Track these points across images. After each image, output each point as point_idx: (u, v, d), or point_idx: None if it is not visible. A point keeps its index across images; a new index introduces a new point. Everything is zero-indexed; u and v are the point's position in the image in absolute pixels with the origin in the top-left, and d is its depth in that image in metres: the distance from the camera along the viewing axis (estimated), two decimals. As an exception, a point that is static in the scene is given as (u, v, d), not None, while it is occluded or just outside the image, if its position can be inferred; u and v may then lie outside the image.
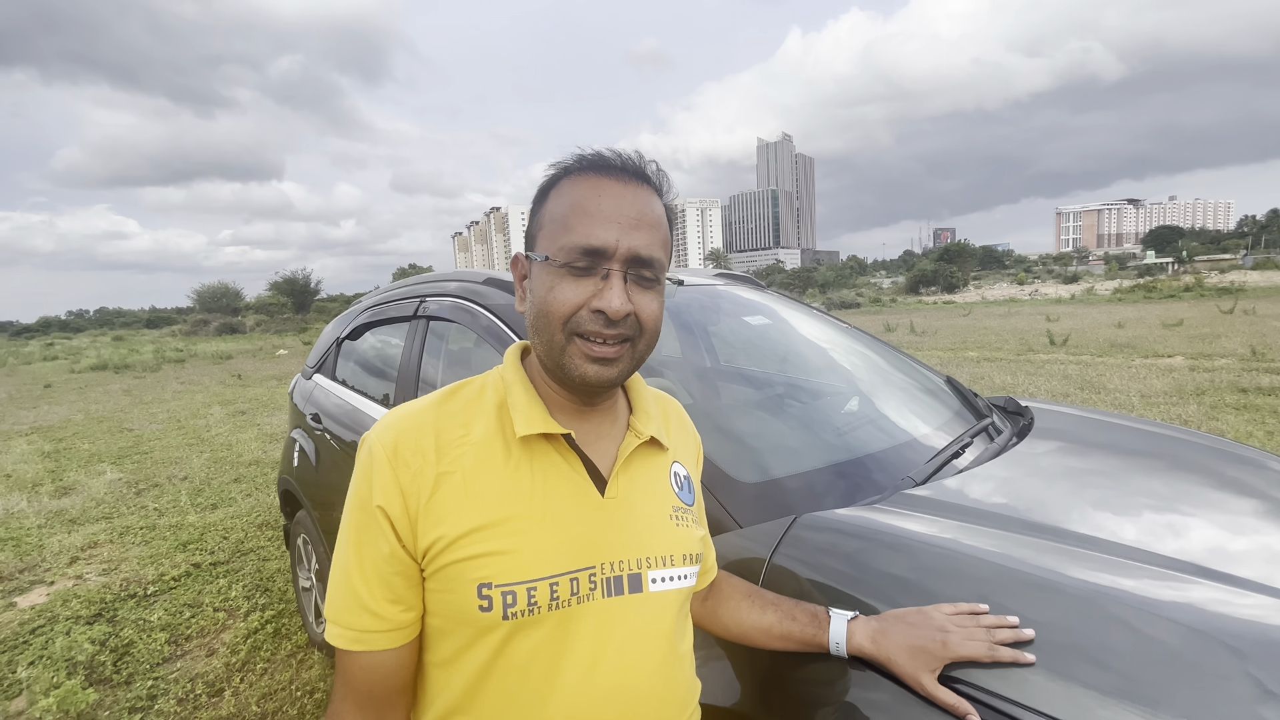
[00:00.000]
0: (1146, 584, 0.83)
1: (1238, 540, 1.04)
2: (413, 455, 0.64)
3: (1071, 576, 0.83)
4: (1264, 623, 0.77)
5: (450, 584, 0.62)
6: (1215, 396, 6.00)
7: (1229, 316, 14.10)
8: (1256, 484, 1.29)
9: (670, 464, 0.77)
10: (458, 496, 0.63)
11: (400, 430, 0.66)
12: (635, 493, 0.70)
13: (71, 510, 4.61)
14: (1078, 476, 1.31)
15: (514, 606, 0.61)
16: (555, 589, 0.62)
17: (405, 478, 0.63)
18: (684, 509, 0.75)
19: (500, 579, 0.61)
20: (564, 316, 0.63)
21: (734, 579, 0.90)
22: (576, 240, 0.62)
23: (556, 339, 0.64)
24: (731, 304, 2.01)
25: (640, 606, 0.67)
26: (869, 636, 0.77)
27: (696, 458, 0.85)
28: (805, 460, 1.30)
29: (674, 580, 0.70)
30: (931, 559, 0.89)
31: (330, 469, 2.19)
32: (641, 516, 0.70)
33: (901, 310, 27.96)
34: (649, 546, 0.69)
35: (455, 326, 1.77)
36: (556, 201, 0.66)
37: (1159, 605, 0.78)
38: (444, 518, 0.62)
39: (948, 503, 1.09)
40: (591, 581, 0.65)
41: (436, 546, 0.62)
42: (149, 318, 77.07)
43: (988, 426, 1.57)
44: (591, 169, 0.65)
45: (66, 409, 9.78)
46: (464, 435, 0.67)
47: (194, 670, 2.47)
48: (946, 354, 10.63)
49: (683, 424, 0.84)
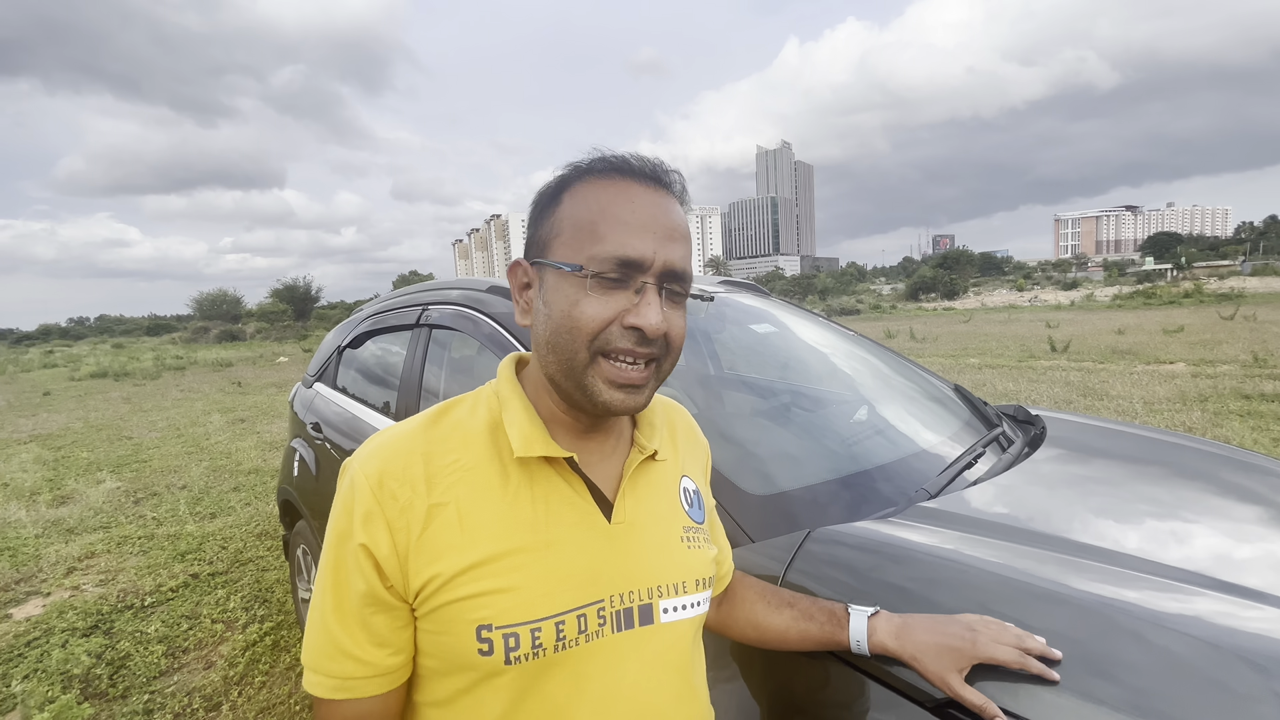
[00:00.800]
0: (1169, 600, 0.81)
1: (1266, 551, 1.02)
2: (400, 486, 0.58)
3: (1095, 594, 0.80)
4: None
5: (446, 625, 0.57)
6: (1219, 403, 5.97)
7: (1230, 323, 14.09)
8: (1275, 495, 1.26)
9: (679, 479, 0.73)
10: (452, 530, 0.58)
11: (386, 458, 0.60)
12: (644, 515, 0.66)
13: (69, 519, 4.58)
14: (1094, 488, 1.28)
15: (516, 650, 0.56)
16: (561, 628, 0.58)
17: (392, 512, 0.58)
18: (695, 528, 0.71)
19: (501, 620, 0.56)
20: (592, 333, 0.57)
21: (749, 579, 0.86)
22: (610, 250, 0.56)
23: (579, 358, 0.58)
24: (735, 311, 1.99)
25: (652, 639, 0.63)
26: (892, 633, 0.73)
27: (705, 468, 0.81)
28: (815, 472, 1.28)
29: (686, 609, 0.66)
30: (951, 574, 0.87)
31: (331, 479, 2.16)
32: (651, 541, 0.66)
33: (902, 317, 27.97)
34: (660, 574, 0.65)
35: (458, 335, 1.75)
36: (577, 204, 0.59)
37: (1190, 623, 0.75)
38: (438, 555, 0.57)
39: (963, 516, 1.06)
40: (600, 616, 0.60)
41: (430, 586, 0.57)
42: (149, 325, 77.10)
43: (999, 436, 1.55)
44: (616, 171, 0.59)
45: (66, 417, 9.75)
46: (456, 460, 0.61)
47: (191, 683, 2.43)
48: (948, 360, 10.61)
49: (690, 433, 0.80)
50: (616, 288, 0.57)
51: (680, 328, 0.61)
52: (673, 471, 0.72)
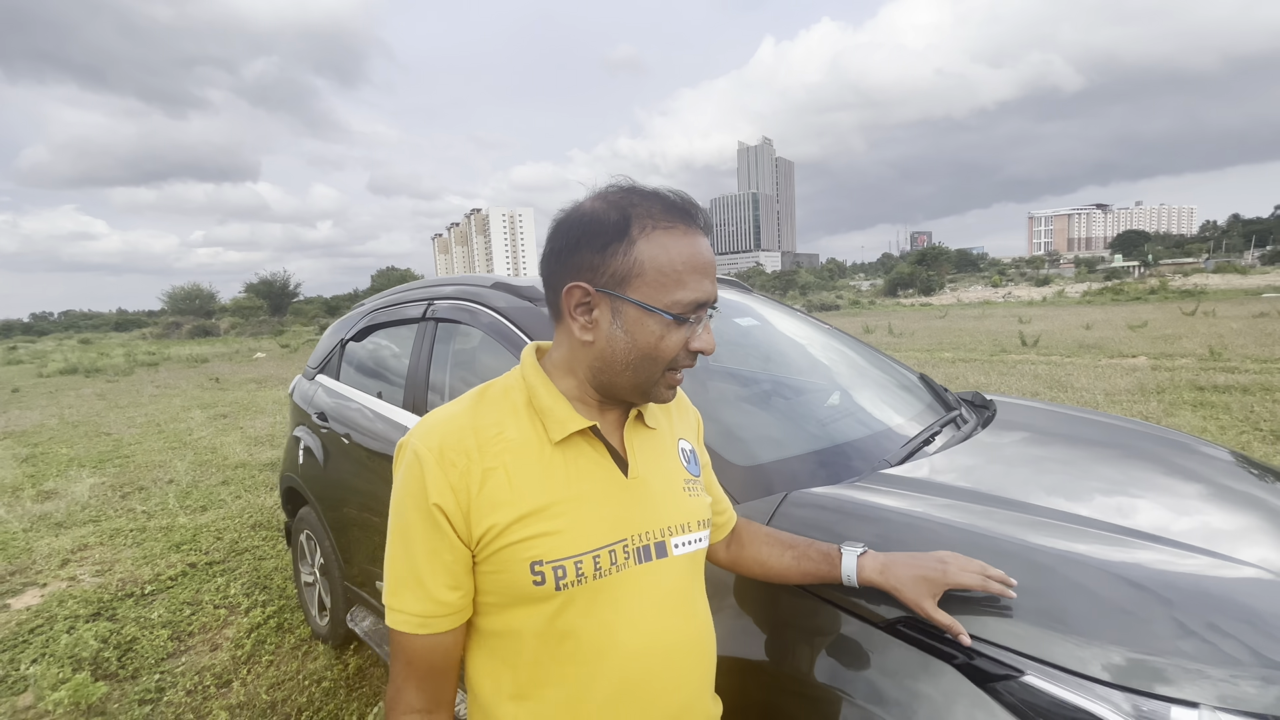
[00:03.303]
0: (1099, 547, 0.98)
1: (1182, 516, 1.20)
2: (458, 455, 0.71)
3: (1031, 542, 0.97)
4: (1197, 574, 0.93)
5: (504, 565, 0.71)
6: (1174, 394, 6.32)
7: (1190, 318, 14.70)
8: (1199, 468, 1.44)
9: (677, 441, 0.88)
10: (503, 488, 0.71)
11: (443, 433, 0.73)
12: (652, 471, 0.81)
13: (56, 514, 4.58)
14: (1036, 461, 1.47)
15: (565, 579, 0.70)
16: (597, 560, 0.72)
17: (454, 476, 0.70)
18: (693, 480, 0.87)
19: (550, 556, 0.70)
20: (669, 360, 0.73)
21: (754, 525, 1.01)
22: (694, 297, 0.72)
23: (654, 376, 0.74)
24: (720, 306, 2.14)
25: (667, 569, 0.78)
26: (877, 569, 0.89)
27: (698, 431, 0.97)
28: (793, 447, 1.44)
29: (691, 545, 0.82)
30: (905, 529, 1.03)
31: (337, 466, 2.28)
32: (660, 491, 0.80)
33: (880, 312, 28.50)
34: (669, 517, 0.80)
35: (463, 329, 1.88)
36: (655, 250, 0.71)
37: (1109, 563, 0.93)
38: (495, 508, 0.70)
39: (919, 480, 1.23)
40: (625, 552, 0.75)
41: (490, 534, 0.70)
42: (117, 320, 75.02)
43: (955, 417, 1.73)
44: (681, 220, 0.73)
45: (39, 414, 9.58)
46: (499, 433, 0.74)
47: (200, 664, 2.53)
48: (923, 355, 10.94)
49: (681, 402, 0.96)
50: (686, 323, 0.73)
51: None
52: (669, 435, 0.88)
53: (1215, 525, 1.16)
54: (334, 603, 2.46)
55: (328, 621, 2.54)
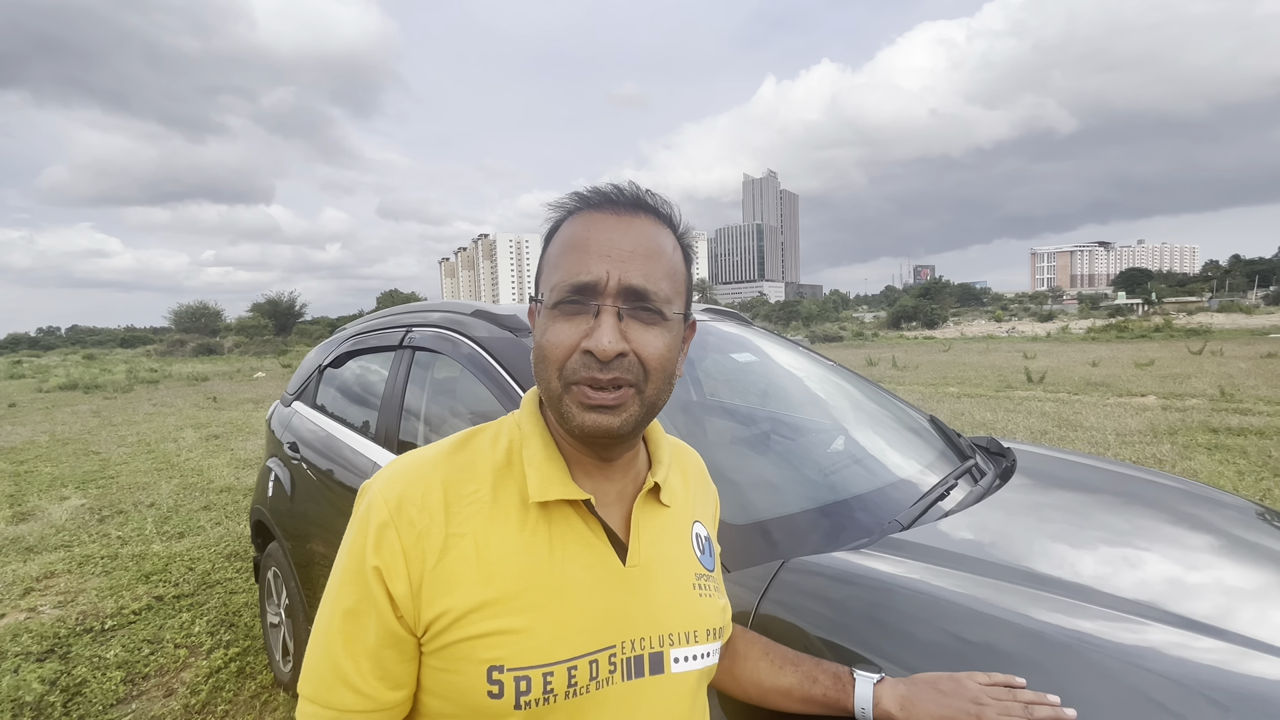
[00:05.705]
0: (1158, 641, 0.83)
1: (1251, 603, 1.03)
2: (419, 513, 0.57)
3: (1064, 628, 0.82)
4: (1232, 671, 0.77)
5: (455, 664, 0.56)
6: (1188, 436, 6.12)
7: (1198, 357, 14.52)
8: (1263, 541, 1.27)
9: (691, 524, 0.72)
10: (468, 564, 0.57)
11: (407, 483, 0.59)
12: (657, 559, 0.65)
13: (29, 537, 4.41)
14: (1068, 525, 1.31)
15: (528, 695, 0.55)
16: (573, 674, 0.57)
17: (409, 538, 0.57)
18: (706, 575, 0.70)
19: (514, 662, 0.55)
20: (558, 361, 0.57)
21: (749, 634, 0.84)
22: (564, 277, 0.57)
23: (554, 386, 0.58)
24: (718, 339, 2.02)
25: (661, 689, 0.62)
26: (897, 703, 0.71)
27: (715, 515, 0.81)
28: (792, 501, 1.29)
29: (697, 660, 0.65)
30: (922, 608, 0.88)
31: (305, 500, 2.13)
32: (664, 586, 0.65)
33: (883, 344, 28.37)
34: (672, 621, 0.64)
35: (441, 357, 1.75)
36: (552, 243, 0.62)
37: (1153, 657, 0.78)
38: (452, 588, 0.56)
39: (935, 548, 1.08)
40: (611, 663, 0.59)
41: (442, 621, 0.56)
42: (124, 337, 75.51)
43: (971, 468, 1.58)
44: (586, 205, 0.61)
45: (30, 430, 9.44)
46: (476, 491, 0.60)
47: (149, 712, 2.34)
48: (928, 389, 10.77)
49: (701, 477, 0.79)
50: (577, 314, 0.57)
51: (655, 348, 0.58)
52: (685, 515, 0.71)
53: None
54: (298, 648, 2.28)
55: (290, 668, 2.36)
